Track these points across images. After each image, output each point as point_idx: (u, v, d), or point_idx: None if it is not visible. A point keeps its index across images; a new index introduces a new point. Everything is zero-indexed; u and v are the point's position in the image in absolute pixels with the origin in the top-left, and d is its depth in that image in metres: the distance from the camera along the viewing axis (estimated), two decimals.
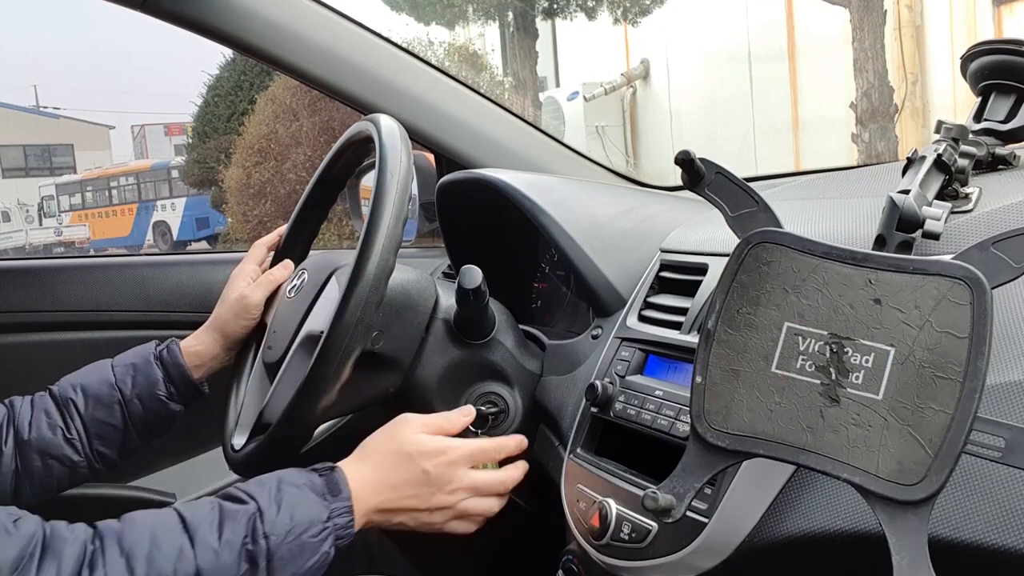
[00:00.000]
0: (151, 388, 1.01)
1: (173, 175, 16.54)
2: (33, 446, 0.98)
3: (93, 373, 1.02)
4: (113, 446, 1.01)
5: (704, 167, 0.69)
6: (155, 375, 1.01)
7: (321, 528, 0.76)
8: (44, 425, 0.98)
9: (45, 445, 0.98)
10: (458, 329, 0.97)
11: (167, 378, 1.01)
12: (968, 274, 0.56)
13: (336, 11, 1.25)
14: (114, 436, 1.01)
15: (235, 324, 1.04)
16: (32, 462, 0.98)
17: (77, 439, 0.99)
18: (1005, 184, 0.77)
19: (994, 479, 0.58)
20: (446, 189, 1.15)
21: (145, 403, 1.01)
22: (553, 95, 10.73)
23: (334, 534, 0.77)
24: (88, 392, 1.00)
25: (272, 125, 6.82)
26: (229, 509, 0.75)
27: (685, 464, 0.63)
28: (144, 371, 1.01)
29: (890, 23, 7.53)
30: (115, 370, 1.02)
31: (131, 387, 1.01)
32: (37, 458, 0.98)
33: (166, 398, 1.01)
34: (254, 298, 1.04)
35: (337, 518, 0.77)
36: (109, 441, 1.01)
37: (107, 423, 1.00)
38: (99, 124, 26.29)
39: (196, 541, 0.72)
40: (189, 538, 0.72)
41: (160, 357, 1.02)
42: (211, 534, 0.73)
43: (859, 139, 7.52)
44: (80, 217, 18.74)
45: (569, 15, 10.81)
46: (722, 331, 0.63)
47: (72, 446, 0.99)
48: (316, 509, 0.77)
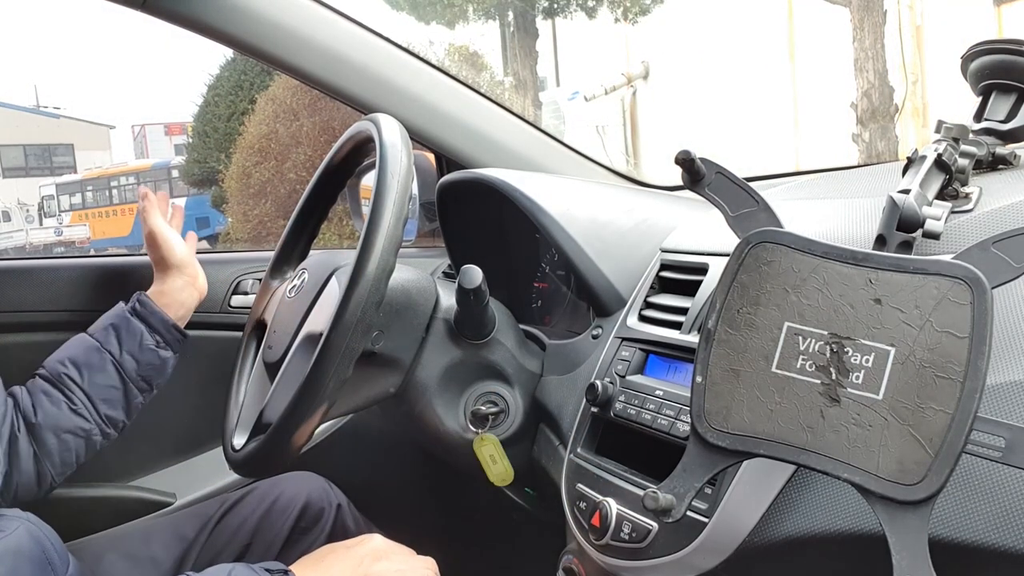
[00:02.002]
0: (137, 341, 1.06)
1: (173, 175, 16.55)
2: (44, 426, 1.01)
3: (75, 345, 1.06)
4: (118, 406, 1.06)
5: (704, 167, 0.69)
6: (137, 328, 1.06)
7: None
8: (47, 404, 1.02)
9: (54, 422, 1.02)
10: (458, 329, 0.97)
11: (149, 328, 1.07)
12: (968, 274, 0.56)
13: (336, 11, 1.25)
14: (117, 396, 1.05)
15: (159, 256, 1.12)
16: (47, 441, 1.01)
17: (83, 408, 1.03)
18: (1005, 184, 0.77)
19: (994, 479, 0.58)
20: (446, 189, 1.15)
21: (137, 357, 1.06)
22: (553, 95, 10.73)
23: None
24: (78, 363, 1.04)
25: (272, 125, 6.81)
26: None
27: (685, 464, 0.63)
28: (125, 328, 1.06)
29: (890, 23, 7.53)
30: (95, 336, 1.06)
31: (118, 346, 1.05)
32: (51, 436, 1.01)
33: (155, 347, 1.07)
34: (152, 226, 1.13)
35: None
36: (113, 403, 1.05)
37: (107, 386, 1.04)
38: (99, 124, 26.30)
39: None
40: None
41: (135, 311, 1.08)
42: None
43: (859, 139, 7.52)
44: (80, 217, 18.75)
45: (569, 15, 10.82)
46: (722, 331, 0.63)
47: (80, 416, 1.03)
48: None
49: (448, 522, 1.44)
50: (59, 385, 1.03)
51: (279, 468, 1.06)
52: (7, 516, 0.88)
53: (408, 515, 1.37)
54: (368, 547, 0.88)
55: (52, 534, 0.91)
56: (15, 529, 0.86)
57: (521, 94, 10.17)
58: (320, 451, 1.33)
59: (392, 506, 1.30)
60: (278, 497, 1.09)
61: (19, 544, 0.85)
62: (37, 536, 0.88)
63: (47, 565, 0.87)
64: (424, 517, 1.44)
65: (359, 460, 1.37)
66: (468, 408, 0.97)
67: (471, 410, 0.97)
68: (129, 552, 1.04)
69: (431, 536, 1.42)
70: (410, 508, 1.43)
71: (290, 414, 0.84)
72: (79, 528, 1.11)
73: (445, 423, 0.97)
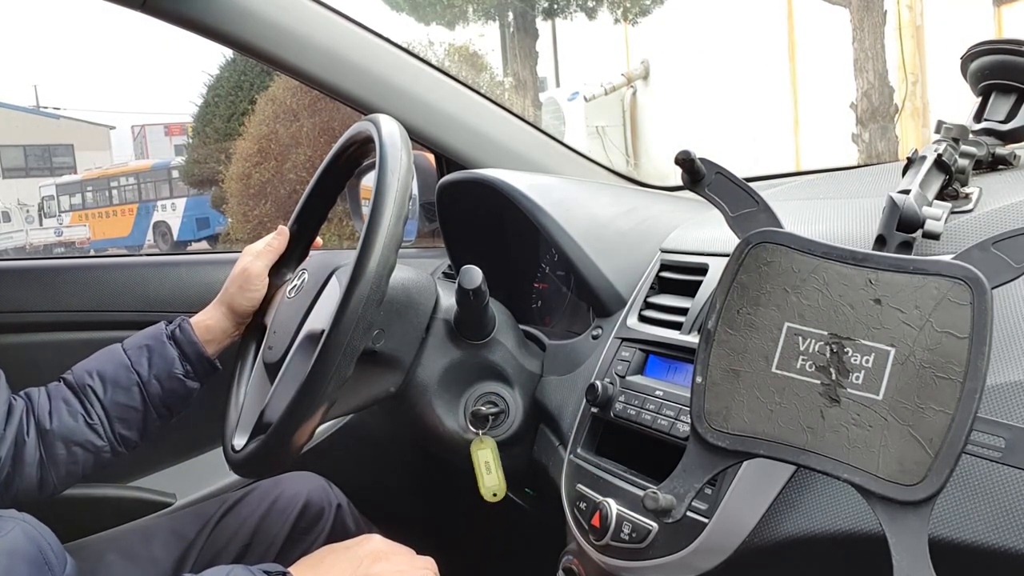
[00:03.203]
0: (168, 367, 1.02)
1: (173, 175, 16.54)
2: (56, 435, 0.99)
3: (107, 358, 1.03)
4: (134, 427, 1.03)
5: (704, 167, 0.69)
6: (170, 354, 1.02)
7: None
8: (64, 413, 1.00)
9: (68, 432, 1.00)
10: (458, 329, 0.97)
11: (182, 356, 1.03)
12: (968, 274, 0.56)
13: (336, 11, 1.25)
14: (135, 418, 1.02)
15: (240, 297, 1.05)
16: (56, 451, 0.99)
17: (99, 424, 1.01)
18: (1005, 184, 0.77)
19: (994, 479, 0.58)
20: (446, 189, 1.15)
21: (163, 383, 1.02)
22: (553, 95, 10.72)
23: None
24: (105, 377, 1.01)
25: (272, 125, 6.82)
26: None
27: (685, 464, 0.63)
28: (159, 351, 1.03)
29: (890, 23, 7.53)
30: (128, 353, 1.03)
31: (148, 368, 1.02)
32: (61, 446, 0.99)
33: (183, 376, 1.03)
34: (255, 269, 1.05)
35: None
36: (130, 423, 1.02)
37: (128, 406, 1.01)
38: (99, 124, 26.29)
39: None
40: None
41: (173, 336, 1.04)
42: None
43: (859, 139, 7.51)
44: (80, 217, 18.74)
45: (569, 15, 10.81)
46: (722, 331, 0.63)
47: (95, 431, 1.00)
48: None
49: (448, 522, 1.44)
50: (80, 395, 1.01)
51: (279, 468, 1.06)
52: (3, 517, 0.87)
53: (408, 515, 1.37)
54: (367, 548, 0.88)
55: (49, 534, 0.91)
56: (10, 530, 0.86)
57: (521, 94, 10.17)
58: (320, 451, 1.33)
59: (392, 506, 1.30)
60: (278, 497, 1.09)
61: (15, 545, 0.84)
62: (33, 536, 0.87)
63: (44, 565, 0.87)
64: (424, 517, 1.44)
65: (359, 460, 1.37)
66: (468, 408, 0.97)
67: (471, 410, 0.97)
68: (129, 552, 1.04)
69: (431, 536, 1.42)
70: (410, 508, 1.43)
71: (290, 414, 0.84)
72: (79, 528, 1.11)
73: (445, 423, 0.97)
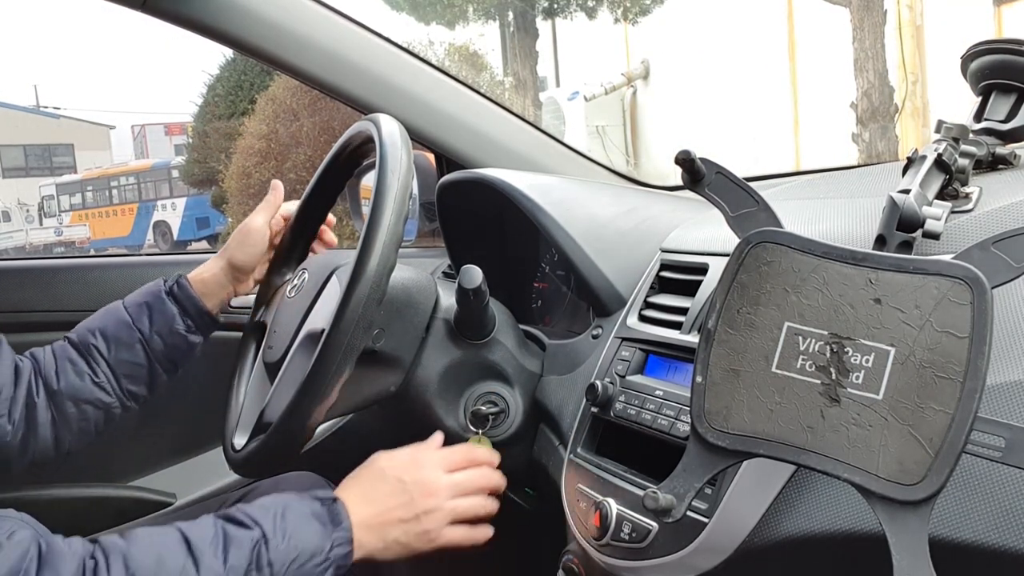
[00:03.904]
0: (168, 323, 1.03)
1: (173, 175, 16.55)
2: (64, 394, 1.00)
3: (108, 316, 1.04)
4: (141, 383, 1.04)
5: (704, 167, 0.69)
6: (170, 311, 1.03)
7: (323, 559, 0.78)
8: (71, 373, 1.01)
9: (76, 391, 1.01)
10: (458, 329, 0.97)
11: (182, 312, 1.04)
12: (968, 274, 0.56)
13: (336, 11, 1.25)
14: (140, 373, 1.03)
15: (240, 252, 1.06)
16: (67, 409, 1.00)
17: (105, 381, 1.02)
18: (1005, 184, 0.77)
19: (994, 479, 0.58)
20: (446, 189, 1.15)
21: (165, 339, 1.03)
22: (553, 95, 10.73)
23: (334, 564, 0.79)
24: (108, 335, 1.02)
25: (272, 125, 6.82)
26: (233, 534, 0.76)
27: (685, 464, 0.63)
28: (159, 308, 1.03)
29: (890, 23, 7.53)
30: (129, 310, 1.04)
31: (149, 325, 1.03)
32: (71, 405, 1.01)
33: (184, 331, 1.04)
34: (254, 223, 1.06)
35: (337, 548, 0.79)
36: (137, 379, 1.04)
37: (132, 362, 1.03)
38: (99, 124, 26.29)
39: (201, 565, 0.73)
40: (194, 561, 0.73)
41: (172, 293, 1.04)
42: (215, 559, 0.74)
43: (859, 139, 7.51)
44: (80, 217, 18.75)
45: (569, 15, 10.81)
46: (722, 331, 0.63)
47: (102, 389, 1.01)
48: (319, 539, 0.78)
49: None
50: (85, 354, 1.02)
51: (280, 468, 1.06)
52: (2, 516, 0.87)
53: None
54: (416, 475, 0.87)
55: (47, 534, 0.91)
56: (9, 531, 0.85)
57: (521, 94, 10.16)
58: (320, 451, 1.33)
59: None
60: None
61: None
62: None
63: None
64: None
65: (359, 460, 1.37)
66: (468, 408, 0.97)
67: (471, 410, 0.97)
68: None
69: None
70: None
71: (290, 413, 0.84)
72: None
73: (445, 423, 0.97)
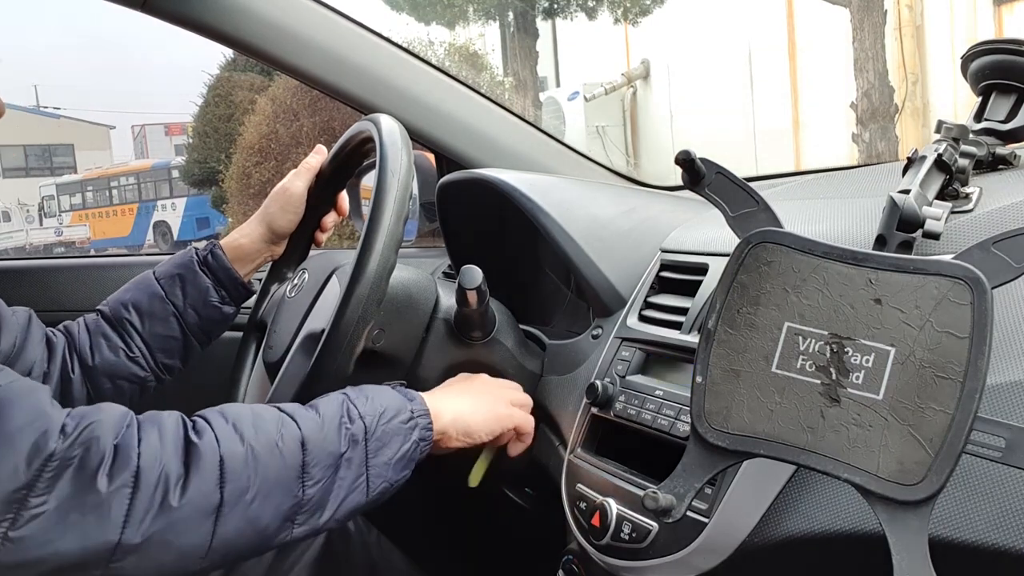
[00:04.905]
0: (202, 296, 1.01)
1: (173, 175, 16.55)
2: (100, 370, 0.99)
3: (141, 289, 1.02)
4: (176, 355, 1.03)
5: (704, 167, 0.69)
6: (203, 283, 1.01)
7: (408, 417, 0.79)
8: (105, 348, 1.00)
9: (111, 367, 1.00)
10: (458, 329, 0.97)
11: (216, 283, 1.02)
12: (968, 274, 0.56)
13: (336, 11, 1.25)
14: (175, 347, 1.02)
15: (281, 218, 1.04)
16: (102, 385, 1.00)
17: (140, 356, 1.00)
18: (1005, 184, 0.77)
19: (994, 479, 0.58)
20: (446, 189, 1.15)
21: (199, 311, 1.01)
22: (553, 95, 10.72)
23: (420, 426, 0.79)
24: (141, 309, 1.01)
25: (272, 125, 6.82)
26: (319, 398, 0.77)
27: (685, 464, 0.63)
28: (192, 280, 1.01)
29: (890, 23, 7.53)
30: (161, 283, 1.02)
31: (182, 298, 1.01)
32: (107, 380, 1.00)
33: (219, 303, 1.02)
34: (295, 188, 1.04)
35: (419, 417, 0.80)
36: (171, 352, 1.02)
37: (166, 336, 1.01)
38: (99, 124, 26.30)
39: (296, 416, 0.74)
40: (288, 415, 0.74)
41: (205, 263, 1.02)
42: (308, 411, 0.75)
43: (859, 139, 7.52)
44: (80, 217, 18.75)
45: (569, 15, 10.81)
46: (722, 331, 0.63)
47: (137, 363, 1.00)
48: (399, 401, 0.79)
49: (448, 523, 1.44)
50: (119, 329, 1.01)
51: None
52: None
53: (408, 515, 1.37)
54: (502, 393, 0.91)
55: None
56: None
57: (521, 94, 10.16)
58: None
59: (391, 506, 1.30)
60: None
61: None
62: None
63: None
64: (424, 518, 1.43)
65: None
66: None
67: None
68: None
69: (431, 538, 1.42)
70: (410, 509, 1.43)
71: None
72: None
73: None
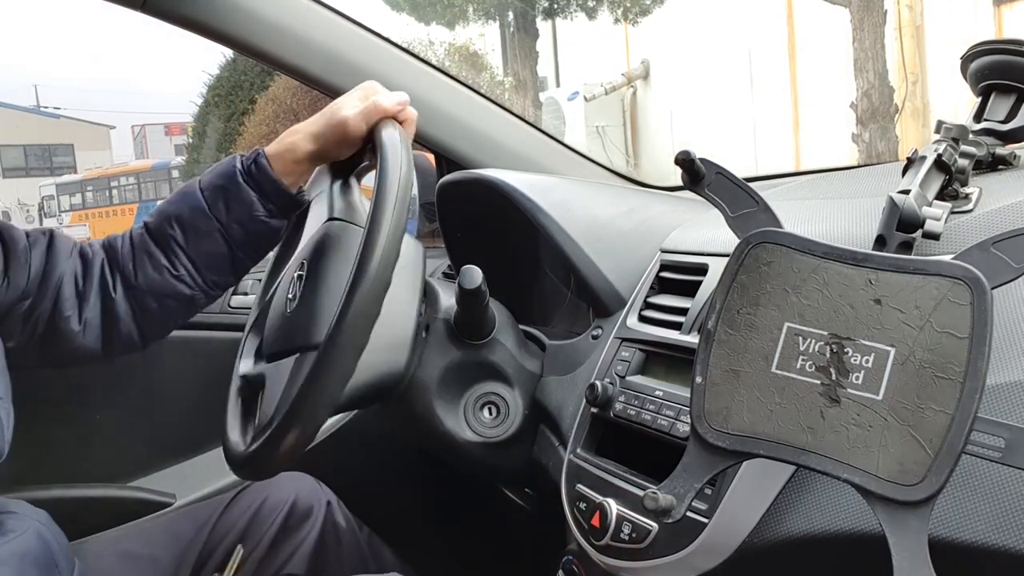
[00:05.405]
0: (248, 210, 0.94)
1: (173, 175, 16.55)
2: (143, 289, 0.95)
3: (184, 200, 0.96)
4: (224, 271, 0.98)
5: (704, 167, 0.69)
6: (248, 196, 0.94)
7: None
8: (149, 267, 0.95)
9: (155, 286, 0.95)
10: (458, 329, 0.97)
11: (262, 197, 0.94)
12: (968, 274, 0.56)
13: (336, 11, 1.25)
14: (223, 263, 0.97)
15: (337, 152, 0.95)
16: (148, 304, 0.96)
17: (186, 274, 0.96)
18: (1005, 184, 0.77)
19: (994, 479, 0.58)
20: (446, 189, 1.15)
21: (246, 226, 0.95)
22: (553, 95, 10.73)
23: None
24: (185, 224, 0.95)
25: (272, 125, 6.83)
26: None
27: (685, 464, 0.63)
28: (235, 195, 0.94)
29: (891, 23, 7.53)
30: (205, 195, 0.95)
31: (225, 212, 0.94)
32: (151, 299, 0.96)
33: (266, 217, 0.95)
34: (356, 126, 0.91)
35: None
36: (219, 269, 0.97)
37: (212, 253, 0.96)
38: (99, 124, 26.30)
39: None
40: None
41: (249, 174, 0.94)
42: None
43: (859, 139, 7.51)
44: (80, 217, 18.76)
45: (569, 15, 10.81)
46: (722, 331, 0.63)
47: (182, 282, 0.96)
48: None
49: (447, 524, 1.44)
50: (163, 246, 0.95)
51: (281, 469, 1.06)
52: (18, 515, 0.87)
53: (407, 517, 1.37)
54: None
55: (59, 534, 0.91)
56: (25, 530, 0.85)
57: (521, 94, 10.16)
58: (316, 452, 1.32)
59: (389, 507, 1.30)
60: (267, 497, 1.09)
61: (26, 546, 0.84)
62: (45, 538, 0.87)
63: (54, 567, 0.87)
64: (424, 518, 1.44)
65: (352, 461, 1.37)
66: (468, 408, 0.97)
67: (471, 410, 0.97)
68: (129, 552, 1.04)
69: (431, 538, 1.42)
70: (409, 509, 1.43)
71: (292, 414, 0.84)
72: (79, 528, 1.11)
73: (445, 423, 0.97)
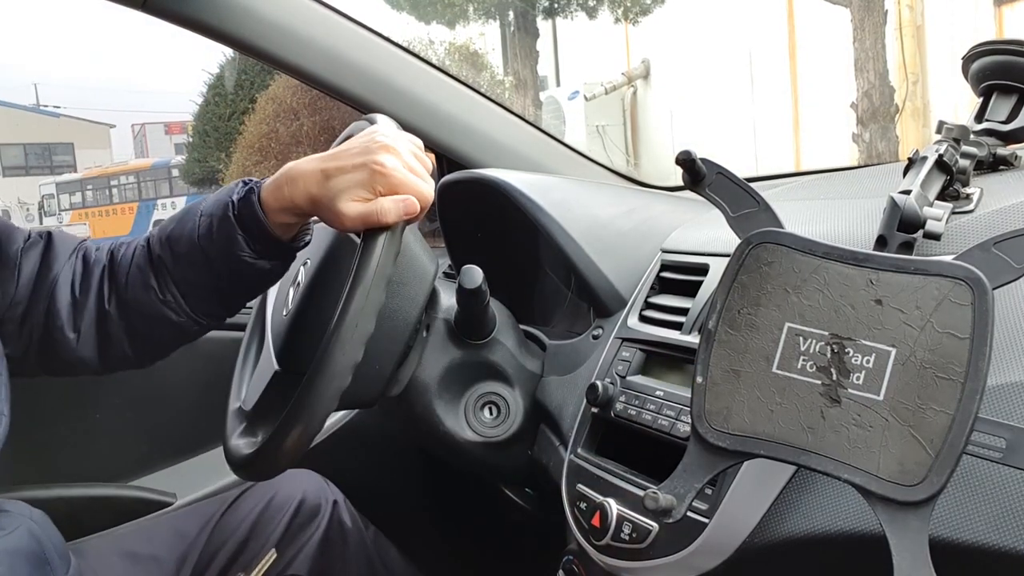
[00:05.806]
0: (229, 247, 0.83)
1: (173, 174, 16.56)
2: (132, 307, 0.88)
3: (182, 222, 0.87)
4: (213, 303, 0.88)
5: (705, 167, 0.69)
6: (231, 232, 0.82)
7: None
8: (139, 286, 0.87)
9: (142, 306, 0.87)
10: (459, 329, 0.97)
11: (248, 237, 0.83)
12: (969, 274, 0.56)
13: (336, 11, 1.25)
14: (210, 296, 0.87)
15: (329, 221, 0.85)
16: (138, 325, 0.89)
17: (172, 300, 0.87)
18: (1006, 184, 0.77)
19: (995, 480, 0.58)
20: (447, 189, 1.15)
21: (230, 264, 0.84)
22: (554, 94, 10.73)
23: None
24: (175, 248, 0.86)
25: (272, 124, 6.82)
26: None
27: (686, 464, 0.63)
28: (220, 227, 0.83)
29: (891, 23, 7.53)
30: (200, 220, 0.85)
31: (213, 245, 0.84)
32: (140, 320, 0.88)
33: (251, 259, 0.83)
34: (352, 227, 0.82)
35: None
36: (207, 300, 0.88)
37: (199, 283, 0.86)
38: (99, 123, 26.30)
39: None
40: None
41: (239, 209, 0.82)
42: None
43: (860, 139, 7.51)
44: (80, 216, 18.77)
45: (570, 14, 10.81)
46: (723, 331, 0.63)
47: (169, 307, 0.87)
48: None
49: (448, 523, 1.44)
50: (155, 267, 0.87)
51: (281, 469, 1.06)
52: (11, 514, 0.87)
53: (407, 516, 1.37)
54: None
55: (55, 533, 0.91)
56: (15, 528, 0.85)
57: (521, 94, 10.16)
58: (319, 450, 1.33)
59: (391, 506, 1.30)
60: (275, 495, 1.09)
61: (18, 544, 0.84)
62: (37, 535, 0.87)
63: (46, 565, 0.86)
64: (424, 518, 1.44)
65: (359, 460, 1.37)
66: (468, 408, 0.97)
67: (471, 410, 0.97)
68: (129, 552, 1.04)
69: (431, 537, 1.42)
70: (410, 508, 1.43)
71: (293, 414, 0.84)
72: (79, 528, 1.11)
73: (445, 423, 0.97)
